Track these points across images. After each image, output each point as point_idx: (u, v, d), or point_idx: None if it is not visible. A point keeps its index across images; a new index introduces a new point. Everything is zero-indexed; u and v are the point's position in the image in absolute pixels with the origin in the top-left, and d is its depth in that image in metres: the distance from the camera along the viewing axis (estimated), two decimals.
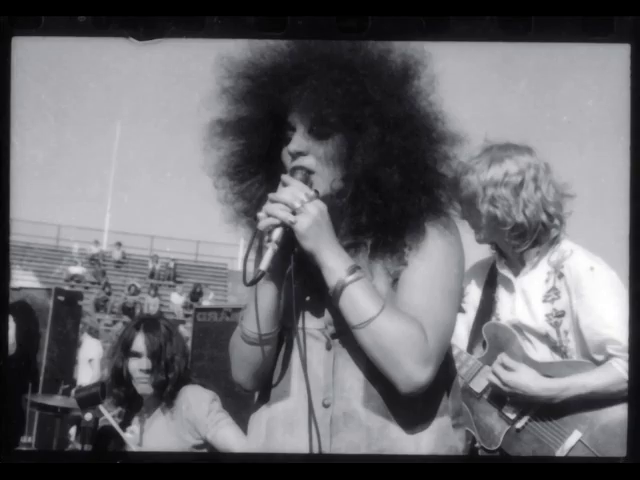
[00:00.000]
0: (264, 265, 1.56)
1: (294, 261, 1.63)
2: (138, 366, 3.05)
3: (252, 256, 1.71)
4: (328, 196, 1.63)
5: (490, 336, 2.50)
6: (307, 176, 1.62)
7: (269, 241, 1.58)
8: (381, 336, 1.56)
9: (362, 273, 1.60)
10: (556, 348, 2.43)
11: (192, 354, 4.38)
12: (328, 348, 1.67)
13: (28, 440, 4.33)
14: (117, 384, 3.07)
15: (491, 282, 2.58)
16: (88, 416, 2.73)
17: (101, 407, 2.82)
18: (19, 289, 5.27)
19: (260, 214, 1.59)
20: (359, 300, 1.58)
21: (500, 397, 2.45)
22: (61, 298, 5.36)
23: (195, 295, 17.46)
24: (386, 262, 1.66)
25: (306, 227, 1.57)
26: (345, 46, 1.66)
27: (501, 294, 2.55)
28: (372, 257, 1.66)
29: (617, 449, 2.29)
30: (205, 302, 16.85)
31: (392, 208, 1.62)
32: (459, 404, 1.76)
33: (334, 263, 1.59)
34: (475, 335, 2.55)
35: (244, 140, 1.70)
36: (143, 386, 3.05)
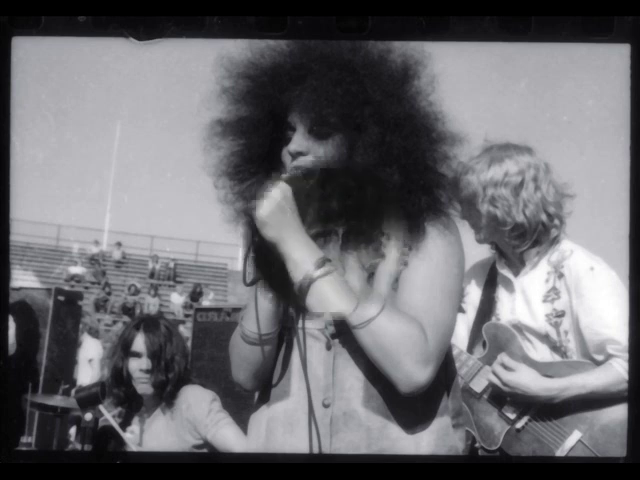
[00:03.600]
0: None
1: (254, 252, 1.50)
2: (138, 366, 3.05)
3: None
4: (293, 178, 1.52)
5: (490, 336, 2.50)
6: None
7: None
8: (381, 336, 1.55)
9: (332, 267, 1.52)
10: (556, 348, 2.43)
11: (192, 354, 4.37)
12: (328, 348, 1.67)
13: (28, 440, 4.32)
14: (117, 384, 3.07)
15: (491, 282, 2.58)
16: (88, 416, 2.73)
17: (101, 407, 2.81)
18: (19, 289, 5.26)
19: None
20: (329, 298, 1.50)
21: (500, 397, 2.45)
22: (61, 298, 5.35)
23: (195, 295, 17.43)
24: (360, 254, 1.58)
25: (267, 213, 1.48)
26: (345, 46, 1.65)
27: (501, 294, 2.55)
28: (344, 248, 1.59)
29: (617, 449, 2.29)
30: (205, 302, 16.82)
31: (367, 191, 1.51)
32: (459, 404, 1.75)
33: (300, 255, 1.49)
34: (475, 335, 2.55)
35: (244, 140, 1.69)
36: (143, 386, 3.05)
